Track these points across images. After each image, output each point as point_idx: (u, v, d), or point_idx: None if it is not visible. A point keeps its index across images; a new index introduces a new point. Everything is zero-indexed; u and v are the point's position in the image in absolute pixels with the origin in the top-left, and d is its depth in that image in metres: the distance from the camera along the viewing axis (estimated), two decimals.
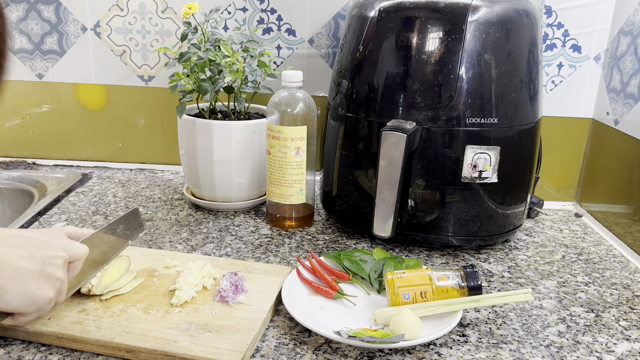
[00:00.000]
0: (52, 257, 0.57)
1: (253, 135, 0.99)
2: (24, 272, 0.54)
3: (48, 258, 0.57)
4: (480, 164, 0.83)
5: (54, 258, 0.57)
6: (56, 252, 0.58)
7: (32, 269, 0.55)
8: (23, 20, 1.18)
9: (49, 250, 0.57)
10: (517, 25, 0.82)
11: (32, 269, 0.55)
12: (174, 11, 1.16)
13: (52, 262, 0.57)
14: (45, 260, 0.56)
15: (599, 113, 1.10)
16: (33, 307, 0.56)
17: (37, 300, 0.55)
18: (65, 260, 0.59)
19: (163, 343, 0.62)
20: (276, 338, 0.67)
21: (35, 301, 0.55)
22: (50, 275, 0.56)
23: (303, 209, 0.98)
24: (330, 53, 1.16)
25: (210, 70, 0.98)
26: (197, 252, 0.88)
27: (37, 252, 0.56)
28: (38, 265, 0.55)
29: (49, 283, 0.56)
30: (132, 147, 1.27)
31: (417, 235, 0.88)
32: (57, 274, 0.57)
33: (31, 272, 0.55)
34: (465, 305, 0.70)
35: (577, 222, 1.08)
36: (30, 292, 0.54)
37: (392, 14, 0.83)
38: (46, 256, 0.56)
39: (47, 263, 0.56)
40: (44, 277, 0.56)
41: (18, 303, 0.54)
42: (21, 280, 0.54)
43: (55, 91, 1.23)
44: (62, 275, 0.58)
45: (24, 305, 0.55)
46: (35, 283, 0.55)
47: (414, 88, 0.82)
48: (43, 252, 0.56)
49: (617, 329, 0.73)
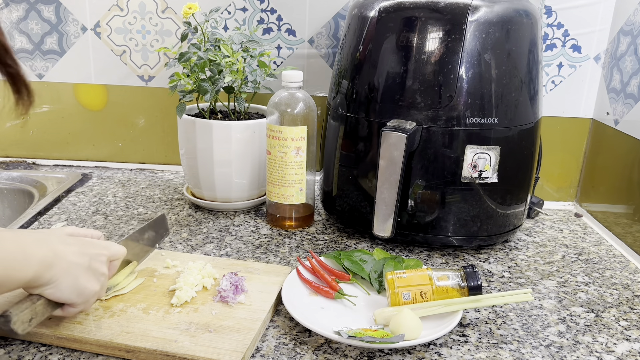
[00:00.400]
0: (97, 255, 0.63)
1: (253, 135, 0.99)
2: (76, 266, 0.60)
3: (95, 255, 0.63)
4: (480, 164, 0.83)
5: (99, 255, 0.63)
6: (100, 250, 0.64)
7: (82, 263, 0.60)
8: (23, 20, 1.18)
9: (95, 249, 0.63)
10: (517, 25, 0.82)
11: (82, 263, 0.60)
12: (174, 11, 1.16)
13: (98, 259, 0.63)
14: (92, 257, 0.62)
15: (599, 113, 1.10)
16: (81, 298, 0.61)
17: (85, 292, 0.61)
18: (108, 257, 0.65)
19: (163, 343, 0.62)
20: (276, 338, 0.67)
21: (84, 292, 0.61)
22: (97, 270, 0.62)
23: (303, 209, 0.98)
24: (330, 53, 1.16)
25: (210, 70, 0.98)
26: (197, 252, 0.88)
27: (86, 250, 0.62)
28: (86, 260, 0.61)
29: (95, 277, 0.62)
30: (132, 147, 1.27)
31: (417, 235, 0.88)
32: (102, 269, 0.63)
33: (81, 267, 0.60)
34: (465, 305, 0.70)
35: (577, 222, 1.08)
36: (80, 284, 0.60)
37: (392, 14, 0.83)
38: (93, 253, 0.63)
39: (94, 259, 0.62)
40: (91, 271, 0.62)
41: (69, 293, 0.59)
42: (73, 274, 0.59)
43: (55, 91, 1.23)
44: (106, 271, 0.64)
45: (74, 296, 0.60)
46: (84, 276, 0.61)
47: (414, 88, 0.82)
48: (90, 250, 0.63)
49: (617, 329, 0.73)
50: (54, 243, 0.59)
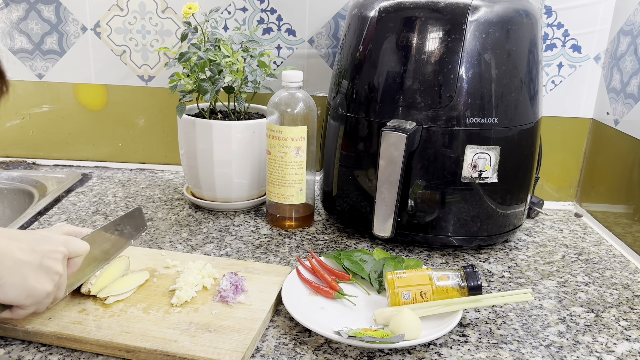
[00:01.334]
0: (51, 251, 0.58)
1: (253, 135, 0.99)
2: (23, 264, 0.55)
3: (47, 252, 0.57)
4: (480, 164, 0.83)
5: (53, 252, 0.58)
6: (56, 246, 0.59)
7: (31, 261, 0.55)
8: (23, 20, 1.18)
9: (49, 245, 0.58)
10: (517, 25, 0.82)
11: (31, 261, 0.55)
12: (174, 11, 1.16)
13: (51, 256, 0.58)
14: (45, 254, 0.57)
15: (599, 113, 1.10)
16: (31, 299, 0.56)
17: (34, 292, 0.56)
18: (64, 255, 0.59)
19: (163, 343, 0.62)
20: (276, 338, 0.67)
21: (33, 294, 0.56)
22: (49, 269, 0.57)
23: (303, 209, 0.98)
24: (330, 53, 1.16)
25: (210, 70, 0.98)
26: (197, 252, 0.88)
27: (37, 246, 0.57)
28: (37, 258, 0.56)
29: (48, 276, 0.57)
30: (132, 147, 1.27)
31: (417, 235, 0.88)
32: (56, 267, 0.58)
33: (30, 265, 0.55)
34: (465, 305, 0.70)
35: (577, 222, 1.08)
36: (28, 284, 0.55)
37: (392, 14, 0.83)
38: (46, 250, 0.57)
39: (46, 257, 0.57)
40: (42, 270, 0.56)
41: (16, 294, 0.55)
42: (20, 272, 0.55)
43: (55, 91, 1.23)
44: (60, 269, 0.59)
45: (22, 297, 0.55)
46: (33, 275, 0.56)
47: (414, 88, 0.82)
48: (42, 246, 0.57)
49: (617, 329, 0.73)
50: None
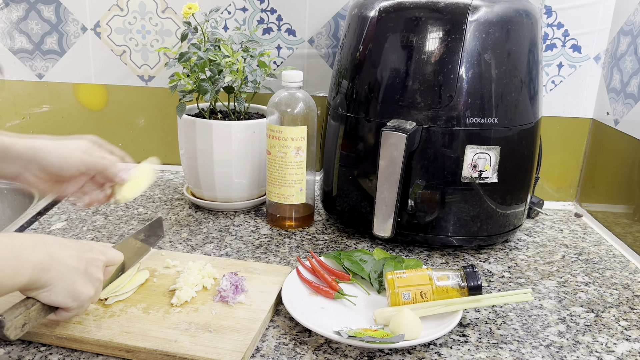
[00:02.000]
0: (94, 259, 0.63)
1: (253, 135, 0.99)
2: (72, 270, 0.59)
3: (91, 259, 0.62)
4: (480, 164, 0.83)
5: (96, 260, 0.63)
6: (97, 255, 0.64)
7: (78, 267, 0.60)
8: (23, 20, 1.18)
9: (92, 253, 0.63)
10: (517, 25, 0.82)
11: (78, 267, 0.60)
12: (174, 11, 1.16)
13: (94, 264, 0.63)
14: (89, 262, 0.62)
15: (599, 113, 1.10)
16: (76, 302, 0.60)
17: (80, 296, 0.60)
18: (104, 263, 0.65)
19: (163, 343, 0.62)
20: (276, 338, 0.67)
21: (79, 297, 0.60)
22: (92, 275, 0.62)
23: (303, 209, 0.98)
24: (330, 53, 1.16)
25: (210, 70, 0.98)
26: (197, 252, 0.88)
27: (83, 254, 0.62)
28: (83, 265, 0.61)
29: (91, 282, 0.62)
30: (132, 147, 1.27)
31: (417, 235, 0.88)
32: (98, 274, 0.63)
33: (77, 271, 0.60)
34: (465, 305, 0.70)
35: (577, 222, 1.08)
36: (75, 288, 0.60)
37: (392, 14, 0.83)
38: (90, 258, 0.62)
39: (90, 264, 0.62)
40: (87, 276, 0.61)
41: (64, 297, 0.59)
42: (69, 278, 0.59)
43: (55, 91, 1.23)
44: (101, 276, 0.64)
45: (69, 300, 0.60)
46: (80, 281, 0.60)
47: (414, 88, 0.82)
48: (87, 254, 0.62)
49: (617, 329, 0.73)
50: (50, 246, 0.58)
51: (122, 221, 0.99)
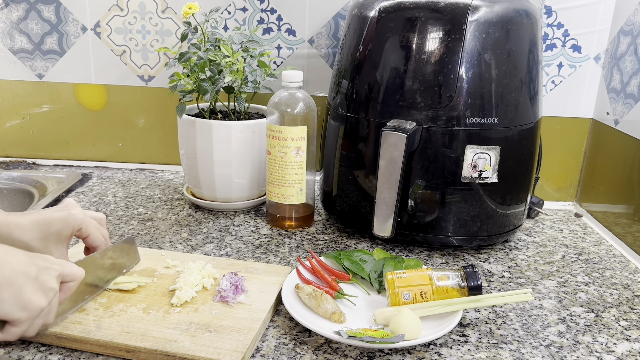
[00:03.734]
0: (47, 267, 0.58)
1: (253, 135, 0.99)
2: (20, 274, 0.54)
3: (44, 267, 0.57)
4: (480, 164, 0.83)
5: (48, 268, 0.58)
6: (51, 264, 0.58)
7: (28, 272, 0.55)
8: (23, 20, 1.18)
9: (44, 261, 0.58)
10: (517, 25, 0.82)
11: (28, 272, 0.55)
12: (174, 11, 1.16)
13: (46, 271, 0.57)
14: (41, 269, 0.57)
15: (599, 113, 1.10)
16: (25, 313, 0.55)
17: (30, 306, 0.55)
18: (59, 273, 0.59)
19: (163, 343, 0.62)
20: (276, 338, 0.67)
21: (29, 307, 0.55)
22: (45, 284, 0.56)
23: (303, 209, 0.98)
24: (330, 53, 1.16)
25: (210, 70, 0.98)
26: (197, 252, 0.88)
27: (34, 260, 0.57)
28: (34, 270, 0.56)
29: (43, 292, 0.56)
30: (132, 147, 1.27)
31: (417, 235, 0.88)
32: (51, 283, 0.57)
33: (27, 276, 0.55)
34: (465, 305, 0.70)
35: (577, 222, 1.08)
36: (24, 296, 0.54)
37: (392, 14, 0.83)
38: (42, 265, 0.57)
39: (42, 271, 0.57)
40: (38, 283, 0.56)
41: (11, 306, 0.54)
42: (17, 283, 0.54)
43: (55, 91, 1.23)
44: (55, 286, 0.58)
45: (17, 309, 0.54)
46: (30, 288, 0.55)
47: (414, 88, 0.82)
48: (39, 262, 0.57)
49: (617, 329, 0.73)
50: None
51: (122, 221, 0.99)
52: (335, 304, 0.71)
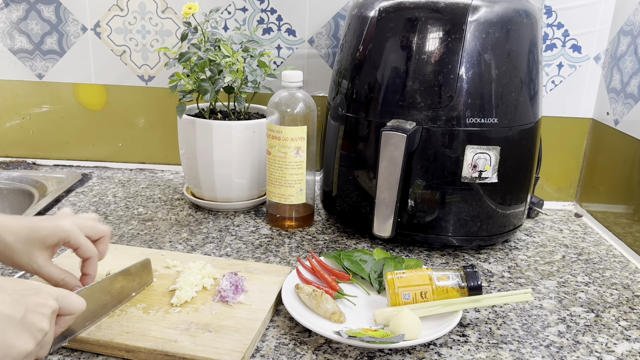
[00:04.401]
0: (38, 305, 0.51)
1: (253, 135, 0.99)
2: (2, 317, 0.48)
3: (34, 305, 0.50)
4: (480, 164, 0.83)
5: (41, 306, 0.51)
6: (45, 299, 0.51)
7: (12, 315, 0.48)
8: (23, 20, 1.18)
9: (37, 297, 0.51)
10: (517, 25, 0.82)
11: (12, 315, 0.48)
12: (174, 11, 1.16)
13: (37, 310, 0.50)
14: (30, 307, 0.50)
15: (599, 113, 1.10)
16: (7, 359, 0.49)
17: (12, 351, 0.48)
18: (54, 310, 0.52)
19: (163, 343, 0.62)
20: (276, 338, 0.67)
21: (10, 353, 0.48)
22: (33, 325, 0.49)
23: (303, 209, 0.98)
24: (330, 53, 1.16)
25: (210, 70, 0.98)
26: (197, 252, 0.88)
27: (22, 298, 0.50)
28: (20, 311, 0.49)
29: (30, 334, 0.49)
30: (132, 147, 1.27)
31: (417, 235, 0.88)
32: (41, 324, 0.50)
33: (10, 319, 0.48)
34: (465, 305, 0.70)
35: (577, 222, 1.08)
36: (6, 341, 0.48)
37: (392, 14, 0.83)
38: (32, 303, 0.50)
39: (32, 310, 0.50)
40: (25, 326, 0.49)
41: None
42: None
43: (55, 91, 1.23)
44: (46, 327, 0.51)
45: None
46: (13, 332, 0.48)
47: (414, 88, 0.82)
48: (29, 298, 0.50)
49: (617, 329, 0.73)
50: None
51: (122, 221, 0.99)
52: (335, 304, 0.71)
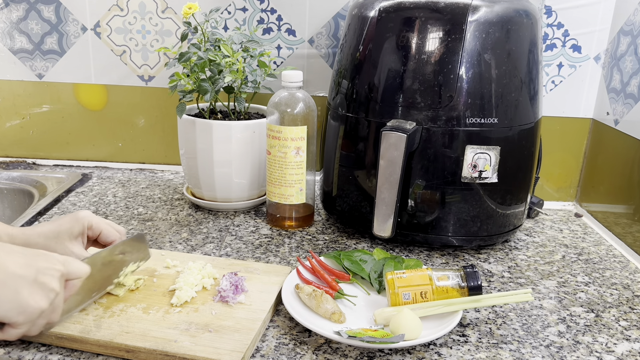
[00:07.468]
0: (48, 268, 0.56)
1: (253, 135, 0.99)
2: (17, 277, 0.53)
3: (44, 268, 0.55)
4: (480, 164, 0.83)
5: (50, 269, 0.56)
6: (53, 264, 0.57)
7: (25, 275, 0.53)
8: (23, 20, 1.18)
9: (46, 262, 0.56)
10: (517, 25, 0.82)
11: (25, 275, 0.53)
12: (174, 11, 1.16)
13: (47, 272, 0.55)
14: (41, 270, 0.55)
15: (599, 113, 1.10)
16: (23, 316, 0.54)
17: (28, 309, 0.53)
18: (62, 273, 0.57)
19: (163, 343, 0.62)
20: (276, 338, 0.67)
21: (26, 310, 0.53)
22: (45, 285, 0.55)
23: (303, 209, 0.98)
24: (330, 53, 1.16)
25: (210, 70, 0.98)
26: (197, 252, 0.88)
27: (33, 262, 0.55)
28: (32, 273, 0.54)
29: (43, 293, 0.54)
30: (132, 147, 1.27)
31: (417, 235, 0.88)
32: (52, 284, 0.55)
33: (24, 279, 0.53)
34: (465, 305, 0.70)
35: (577, 222, 1.08)
36: (21, 299, 0.53)
37: (392, 14, 0.83)
38: (42, 266, 0.55)
39: (42, 272, 0.55)
40: (37, 285, 0.54)
41: (7, 310, 0.53)
42: (13, 286, 0.53)
43: (55, 91, 1.23)
44: (57, 287, 0.56)
45: (14, 313, 0.53)
46: (27, 290, 0.53)
47: (414, 88, 0.82)
48: (39, 263, 0.55)
49: (617, 329, 0.73)
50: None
51: (122, 221, 0.99)
52: (335, 304, 0.71)
